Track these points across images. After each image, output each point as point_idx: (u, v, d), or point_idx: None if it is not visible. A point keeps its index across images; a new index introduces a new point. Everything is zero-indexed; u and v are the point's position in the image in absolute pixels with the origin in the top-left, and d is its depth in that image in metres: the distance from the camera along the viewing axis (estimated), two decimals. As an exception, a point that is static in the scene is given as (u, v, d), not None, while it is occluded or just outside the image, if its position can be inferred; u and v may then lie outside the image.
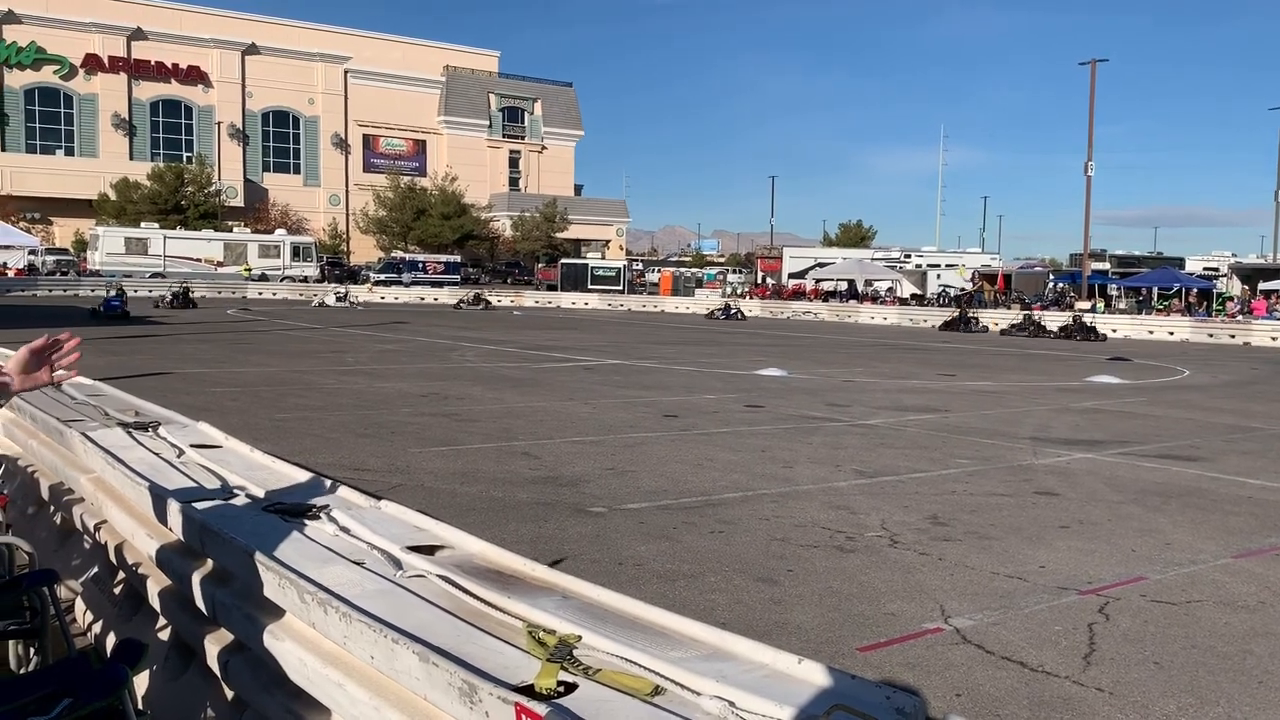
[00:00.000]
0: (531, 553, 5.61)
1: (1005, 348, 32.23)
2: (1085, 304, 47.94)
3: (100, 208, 65.18)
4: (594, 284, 61.89)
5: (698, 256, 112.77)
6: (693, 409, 14.57)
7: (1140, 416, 15.26)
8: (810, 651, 4.74)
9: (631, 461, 10.23)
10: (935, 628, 5.55)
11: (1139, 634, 5.54)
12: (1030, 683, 4.82)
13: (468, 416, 13.04)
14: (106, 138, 74.33)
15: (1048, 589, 6.33)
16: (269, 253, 59.48)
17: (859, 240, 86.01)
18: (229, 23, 79.26)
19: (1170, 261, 62.98)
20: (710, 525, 7.67)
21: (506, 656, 2.18)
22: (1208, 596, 6.28)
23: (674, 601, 5.62)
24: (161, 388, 13.58)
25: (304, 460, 8.10)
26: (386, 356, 22.04)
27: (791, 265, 68.50)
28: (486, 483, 8.95)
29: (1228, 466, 11.00)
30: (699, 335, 34.29)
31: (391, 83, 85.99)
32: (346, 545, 3.02)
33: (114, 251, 54.12)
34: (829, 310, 51.94)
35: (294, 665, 2.61)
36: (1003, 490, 9.38)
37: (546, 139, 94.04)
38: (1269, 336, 37.31)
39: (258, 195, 78.54)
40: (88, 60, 73.05)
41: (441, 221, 72.80)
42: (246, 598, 2.91)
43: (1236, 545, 7.59)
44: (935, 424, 13.70)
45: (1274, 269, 52.76)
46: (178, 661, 3.51)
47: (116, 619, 4.21)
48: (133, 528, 3.83)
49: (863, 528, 7.75)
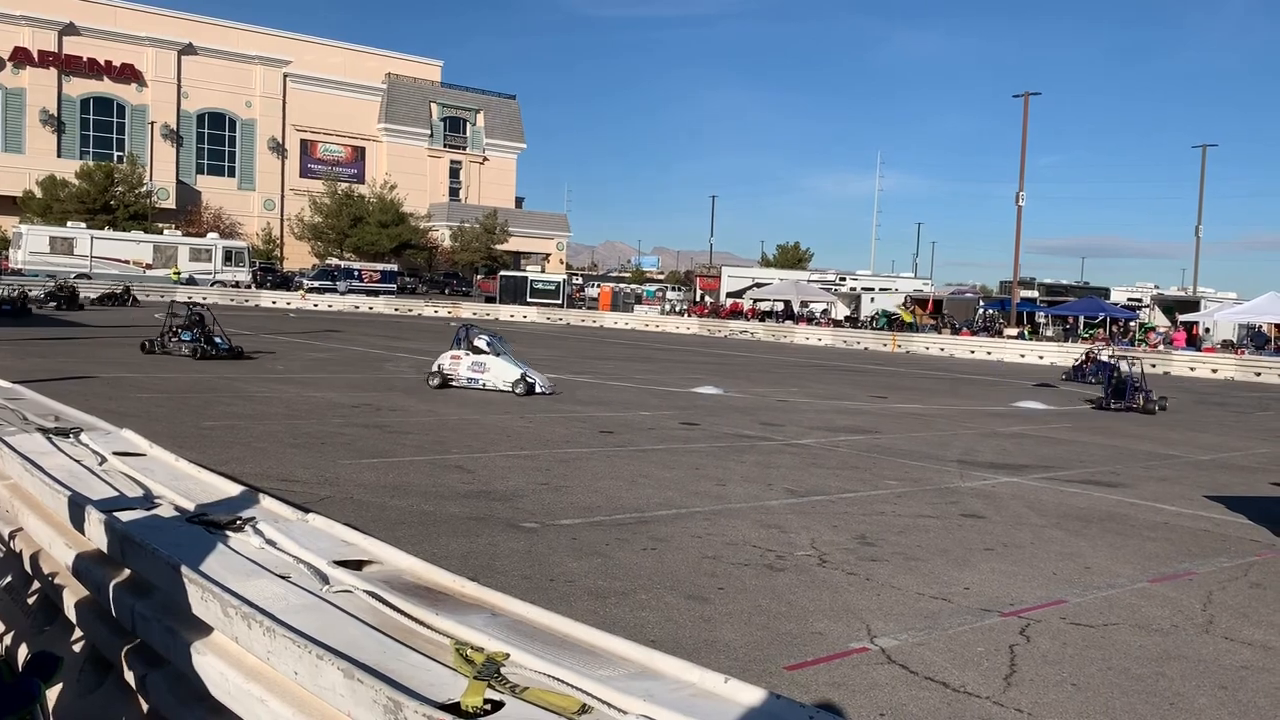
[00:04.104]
0: (462, 568, 5.58)
1: (936, 370, 32.82)
2: (1013, 331, 49.06)
3: (25, 205, 63.31)
4: (533, 297, 61.65)
5: (637, 273, 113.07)
6: (629, 425, 14.59)
7: (1064, 442, 15.64)
8: (738, 670, 4.77)
9: (566, 477, 10.20)
10: (861, 647, 5.62)
11: (1058, 656, 5.67)
12: (952, 703, 4.91)
13: (400, 428, 12.90)
14: (33, 134, 72.30)
15: (971, 610, 6.45)
16: (200, 256, 58.20)
17: (796, 262, 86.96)
18: (166, 21, 77.73)
19: (1096, 291, 64.72)
20: (642, 542, 7.68)
21: (433, 674, 2.17)
22: (1124, 619, 6.45)
23: (604, 619, 5.62)
24: (84, 392, 13.23)
25: (231, 470, 7.95)
26: (318, 365, 21.72)
27: (730, 284, 68.98)
28: (418, 496, 8.86)
29: (1145, 492, 11.32)
30: (637, 351, 34.36)
31: (331, 88, 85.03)
32: (272, 559, 2.97)
33: (38, 251, 52.49)
34: (765, 330, 52.43)
35: (216, 680, 2.56)
36: (930, 512, 9.54)
37: (488, 150, 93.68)
38: (1187, 367, 38.50)
39: (190, 197, 76.94)
40: (16, 54, 71.06)
41: (379, 229, 72.00)
42: (168, 611, 2.85)
43: (1152, 569, 7.82)
44: (866, 445, 13.89)
45: (1194, 301, 54.49)
46: (93, 675, 3.42)
47: (30, 630, 4.09)
48: (50, 536, 3.72)
49: (793, 547, 7.83)
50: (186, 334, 21.37)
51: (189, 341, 21.14)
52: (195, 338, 21.23)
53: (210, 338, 21.34)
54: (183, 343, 21.17)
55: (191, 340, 21.14)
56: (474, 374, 17.93)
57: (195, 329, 21.41)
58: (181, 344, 21.13)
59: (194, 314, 21.76)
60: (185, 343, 21.15)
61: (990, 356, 42.44)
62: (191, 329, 21.42)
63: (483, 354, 18.09)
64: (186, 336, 21.32)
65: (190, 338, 21.26)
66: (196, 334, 21.32)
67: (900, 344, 45.77)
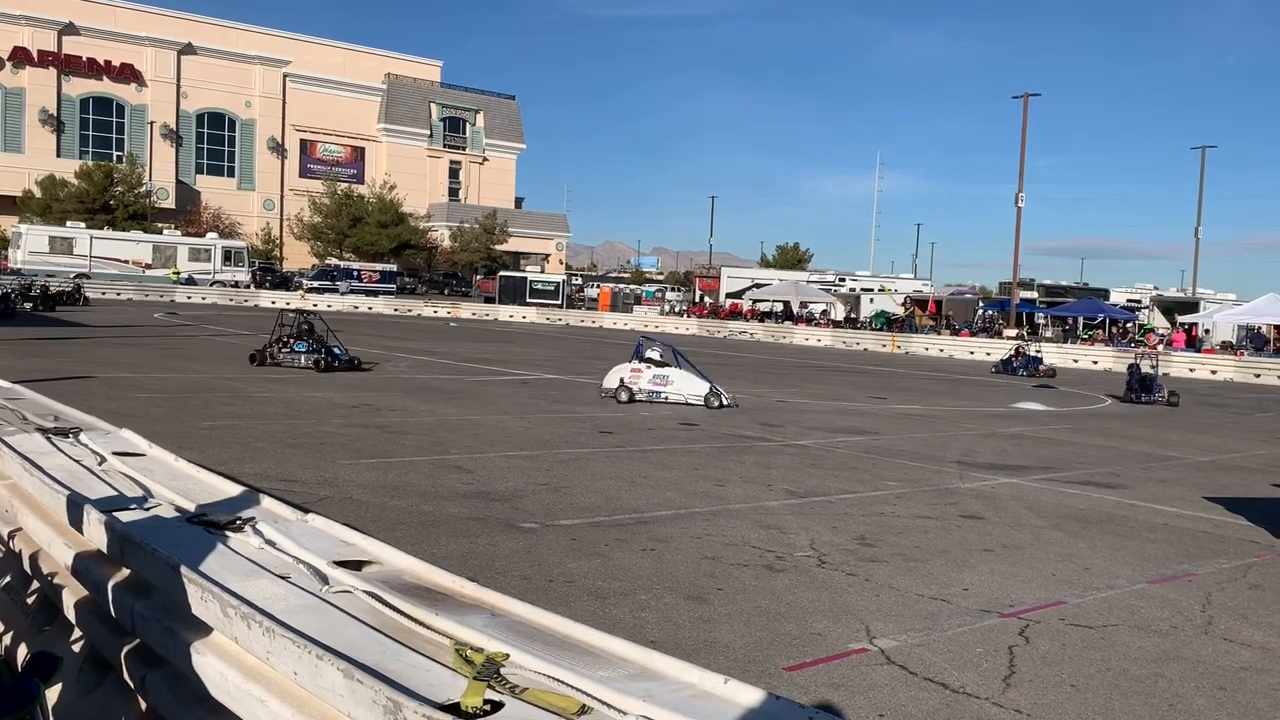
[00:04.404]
0: (461, 569, 5.58)
1: (936, 371, 32.82)
2: (1012, 332, 49.07)
3: (24, 205, 63.28)
4: (532, 298, 61.65)
5: (637, 273, 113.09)
6: (628, 426, 14.59)
7: (1063, 443, 15.64)
8: (737, 671, 4.78)
9: (565, 477, 10.20)
10: (860, 648, 5.62)
11: (1057, 657, 5.68)
12: (951, 704, 4.91)
13: (399, 428, 12.90)
14: (33, 133, 72.28)
15: (970, 611, 6.45)
16: (200, 256, 58.18)
17: (796, 262, 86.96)
18: (165, 21, 77.72)
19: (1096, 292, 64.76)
20: (642, 543, 7.68)
21: (433, 674, 2.17)
22: (1123, 621, 6.45)
23: (604, 619, 5.62)
24: (83, 392, 13.22)
25: (230, 470, 7.95)
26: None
27: (729, 285, 68.99)
28: (417, 496, 8.86)
29: (1145, 494, 11.33)
30: (635, 352, 34.31)
31: (331, 88, 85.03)
32: (272, 559, 2.97)
33: (38, 250, 52.48)
34: (764, 330, 52.43)
35: (215, 680, 2.56)
36: (929, 513, 9.54)
37: (488, 150, 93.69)
38: (1187, 368, 38.51)
39: (190, 197, 76.91)
40: (16, 53, 71.05)
41: (378, 230, 71.99)
42: (167, 611, 2.84)
43: (1152, 571, 7.82)
44: (865, 446, 13.89)
45: (1193, 302, 54.52)
46: (92, 675, 3.42)
47: (29, 630, 4.08)
48: (50, 536, 3.72)
49: (792, 547, 7.83)
50: (300, 344, 20.11)
51: (304, 352, 19.91)
52: (310, 348, 20.00)
53: (329, 349, 20.10)
54: (296, 353, 19.91)
55: (307, 351, 19.93)
56: (656, 387, 17.65)
57: (306, 338, 20.17)
58: (296, 355, 19.90)
59: (304, 322, 20.57)
60: (300, 353, 19.90)
61: (990, 357, 42.40)
62: (302, 338, 20.17)
63: (664, 366, 17.87)
64: (301, 347, 20.05)
65: (305, 348, 20.01)
66: (311, 344, 20.08)
67: (899, 345, 45.79)
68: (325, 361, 19.74)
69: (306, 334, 20.33)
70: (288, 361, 19.89)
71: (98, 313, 35.93)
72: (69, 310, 35.62)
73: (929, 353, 44.15)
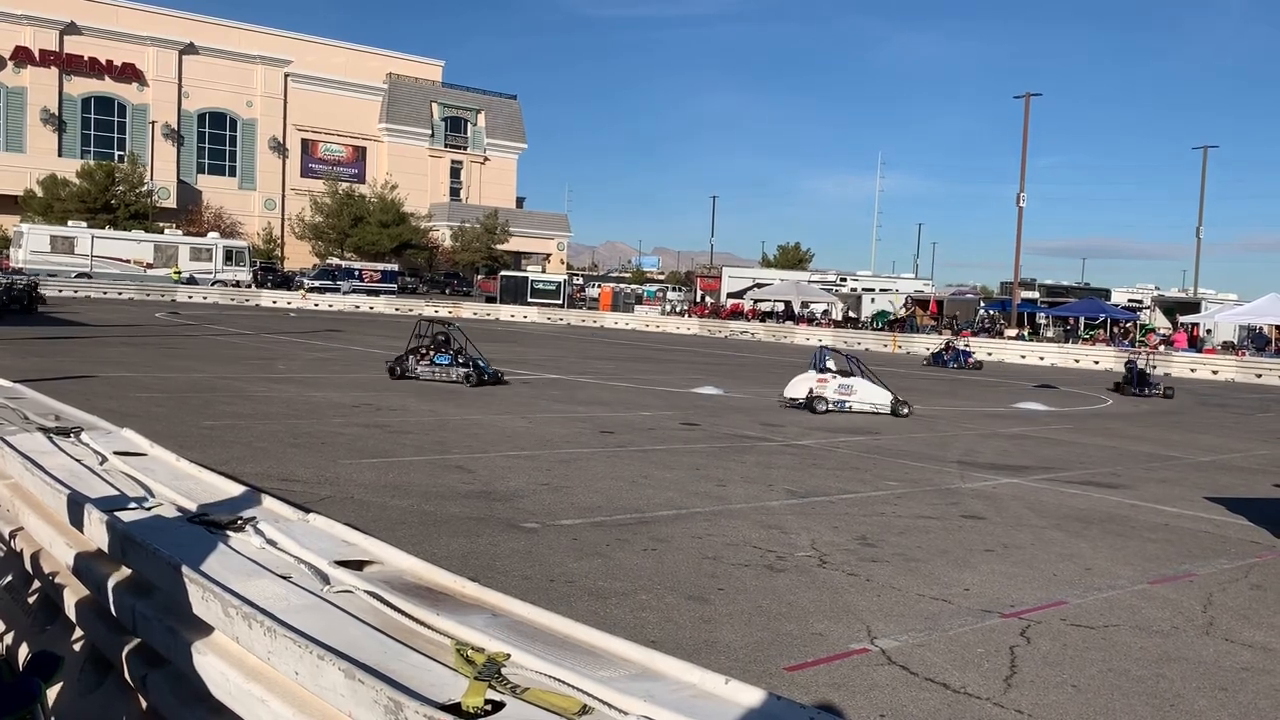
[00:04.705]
0: (463, 568, 5.58)
1: (937, 370, 32.81)
2: (1013, 332, 49.07)
3: (26, 205, 63.30)
4: (534, 297, 61.63)
5: (638, 273, 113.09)
6: (629, 425, 14.59)
7: (1064, 443, 15.63)
8: (738, 671, 4.78)
9: (566, 477, 10.20)
10: (861, 648, 5.62)
11: (1058, 657, 5.67)
12: (952, 704, 4.91)
13: (401, 428, 12.90)
14: (34, 133, 72.28)
15: (972, 611, 6.45)
16: (201, 256, 58.20)
17: (797, 262, 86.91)
18: (167, 21, 77.71)
19: (1097, 292, 64.72)
20: (643, 543, 7.68)
21: (434, 674, 2.17)
22: (1124, 621, 6.45)
23: (605, 619, 5.62)
24: (85, 392, 13.23)
25: (232, 470, 7.96)
26: (319, 365, 21.73)
27: (730, 285, 68.97)
28: (418, 496, 8.86)
29: (1146, 494, 11.32)
30: (638, 352, 34.35)
31: (333, 88, 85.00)
32: (273, 559, 2.97)
33: (39, 250, 52.48)
34: (766, 330, 52.41)
35: (216, 680, 2.56)
36: (930, 513, 9.54)
37: (489, 150, 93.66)
38: (1188, 368, 38.49)
39: (191, 197, 76.93)
40: (17, 53, 71.04)
41: (380, 229, 71.99)
42: (168, 610, 2.84)
43: (1153, 571, 7.81)
44: (866, 446, 13.89)
45: (1194, 302, 54.47)
46: (94, 675, 3.42)
47: (30, 629, 4.09)
48: (51, 536, 3.72)
49: (793, 547, 7.83)
50: (443, 357, 18.96)
51: (447, 365, 18.79)
52: (454, 360, 18.86)
53: (477, 362, 18.96)
54: (438, 366, 18.79)
55: (451, 364, 18.82)
56: (842, 396, 17.97)
57: (443, 349, 19.05)
58: (440, 369, 18.75)
59: (440, 333, 19.33)
60: (443, 366, 18.77)
61: (990, 357, 42.40)
62: (440, 349, 19.04)
63: (848, 376, 18.20)
64: (444, 360, 18.90)
65: (448, 361, 18.88)
66: (454, 357, 18.95)
67: (900, 345, 45.76)
68: (477, 376, 18.64)
69: (443, 345, 19.23)
70: (427, 375, 18.72)
71: (99, 312, 35.94)
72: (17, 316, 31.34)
73: (930, 353, 44.08)
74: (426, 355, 19.04)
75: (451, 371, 18.73)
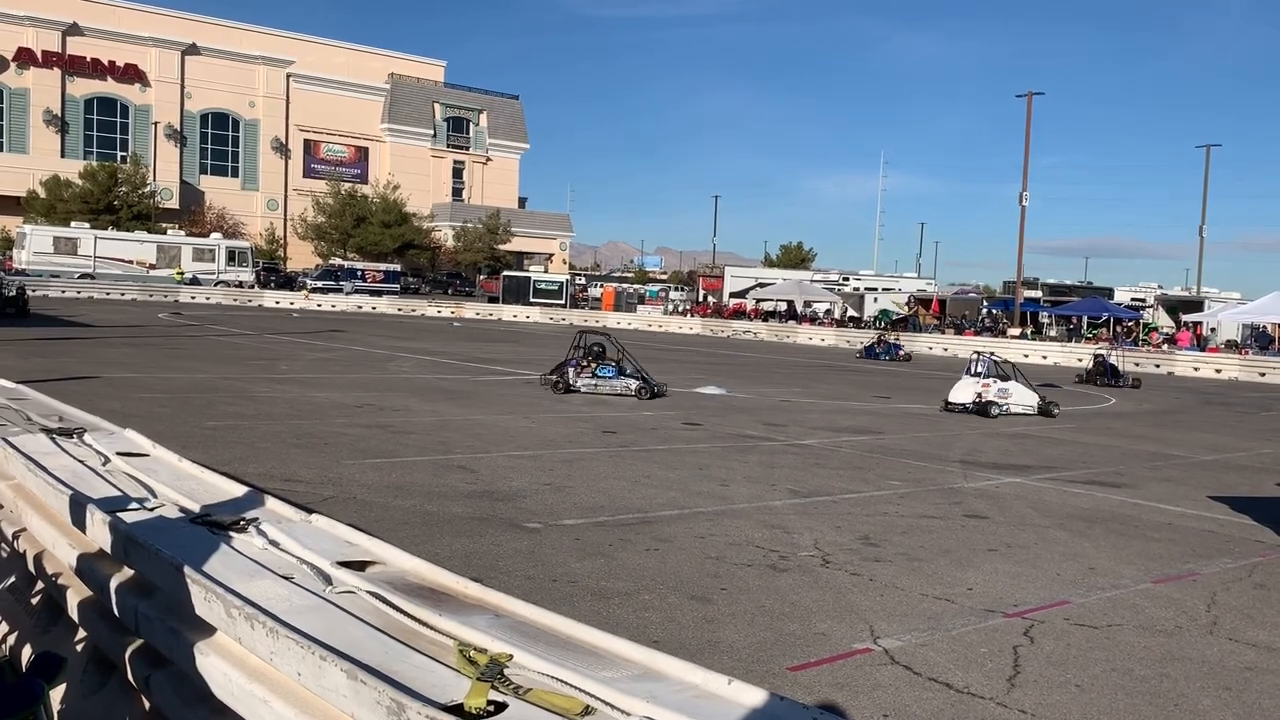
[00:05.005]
0: (465, 569, 5.57)
1: (940, 370, 32.76)
2: (1016, 331, 49.03)
3: (29, 206, 63.41)
4: (536, 297, 61.67)
5: (640, 273, 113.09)
6: (632, 425, 14.58)
7: (1067, 442, 15.62)
8: (741, 671, 4.77)
9: (569, 477, 10.20)
10: (864, 648, 5.62)
11: (1062, 657, 5.66)
12: (956, 704, 4.90)
13: (403, 428, 12.90)
14: (37, 134, 72.38)
15: (975, 611, 6.44)
16: (204, 256, 58.28)
17: (799, 262, 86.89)
18: (169, 21, 77.79)
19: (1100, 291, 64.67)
20: (646, 543, 7.68)
21: (436, 675, 2.17)
22: (1128, 620, 6.44)
23: (608, 619, 5.62)
24: (88, 392, 13.24)
25: (234, 470, 7.96)
26: (322, 365, 21.74)
27: (733, 284, 69.00)
28: (421, 496, 8.87)
29: (1149, 493, 11.31)
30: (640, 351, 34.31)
31: (335, 88, 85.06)
32: (275, 559, 2.97)
33: (42, 251, 52.57)
34: (768, 330, 52.40)
35: (219, 681, 2.56)
36: (933, 512, 9.53)
37: (491, 150, 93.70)
38: (1191, 367, 38.45)
39: (194, 197, 77.01)
40: (20, 54, 71.15)
41: (382, 230, 72.05)
42: (171, 611, 2.84)
43: (1156, 570, 7.80)
44: (869, 445, 13.88)
45: (1197, 301, 54.40)
46: (96, 676, 3.42)
47: (33, 630, 4.09)
48: (54, 537, 3.72)
49: (796, 547, 7.82)
50: (607, 369, 18.33)
51: (611, 377, 18.19)
52: (619, 373, 18.28)
53: (644, 375, 18.33)
54: (600, 379, 18.19)
55: (615, 376, 18.25)
56: (1002, 399, 19.26)
57: (601, 360, 18.46)
58: (604, 381, 18.17)
59: (596, 344, 18.77)
60: (607, 379, 18.18)
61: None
62: (598, 361, 18.46)
63: (1006, 380, 19.66)
64: (608, 372, 18.27)
65: (613, 373, 18.26)
66: (619, 368, 18.37)
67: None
68: (647, 389, 18.05)
69: (601, 356, 18.61)
70: (588, 388, 18.13)
71: (102, 313, 35.99)
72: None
73: (933, 352, 44.08)
74: (587, 367, 18.44)
75: (617, 384, 18.15)
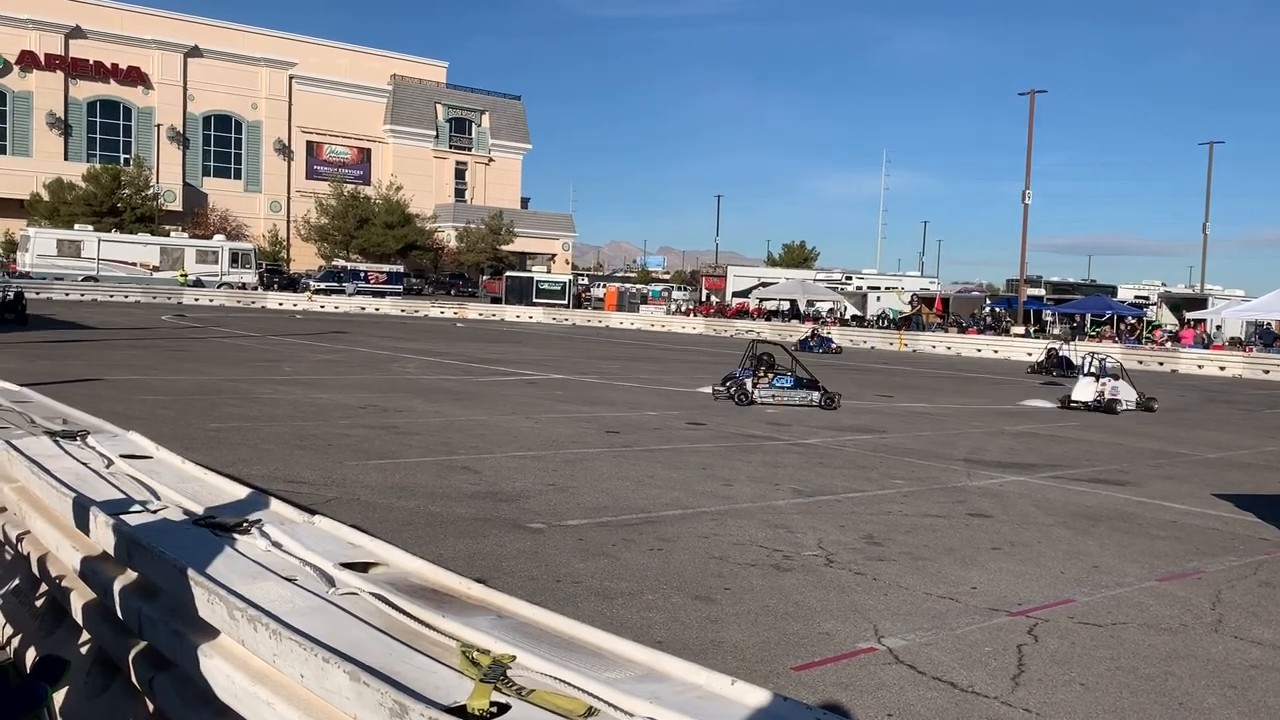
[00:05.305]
0: (468, 569, 5.58)
1: (943, 369, 32.75)
2: (1020, 329, 48.96)
3: (32, 208, 63.49)
4: (539, 298, 61.66)
5: (643, 273, 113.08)
6: (635, 425, 14.58)
7: (1071, 441, 15.59)
8: (745, 671, 4.77)
9: (572, 477, 10.20)
10: (868, 647, 5.61)
11: (1066, 655, 5.66)
12: (960, 703, 4.89)
13: (407, 429, 12.91)
14: (41, 137, 72.48)
15: (979, 610, 6.43)
16: (207, 258, 58.34)
17: (802, 261, 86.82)
18: (171, 24, 77.85)
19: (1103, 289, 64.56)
20: (649, 543, 7.68)
21: (439, 676, 2.17)
22: (1132, 619, 6.43)
23: (611, 620, 5.62)
24: (91, 395, 13.25)
25: (237, 472, 7.97)
26: (325, 367, 21.74)
27: (736, 284, 68.92)
28: (424, 497, 8.87)
29: (1154, 491, 11.28)
30: (643, 351, 34.34)
31: (337, 90, 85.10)
32: (278, 561, 2.98)
33: (45, 254, 52.65)
34: (771, 329, 52.31)
35: (222, 683, 2.56)
36: (937, 511, 9.52)
37: (494, 151, 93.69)
38: (1195, 364, 38.38)
39: (197, 200, 77.09)
40: (23, 57, 71.26)
41: (385, 231, 72.08)
42: (174, 613, 2.85)
43: (1161, 568, 7.79)
44: (872, 444, 13.86)
45: (1201, 298, 54.29)
46: (100, 677, 3.42)
47: (37, 633, 4.09)
48: (57, 539, 3.73)
49: (800, 547, 7.81)
50: (784, 379, 18.13)
51: (790, 388, 18.03)
52: (797, 383, 18.11)
53: (823, 387, 18.16)
54: (778, 389, 17.97)
55: (794, 386, 18.06)
56: (1113, 396, 20.61)
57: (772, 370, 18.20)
58: (783, 391, 18.00)
59: (765, 354, 18.51)
60: (785, 389, 17.99)
61: (997, 355, 42.34)
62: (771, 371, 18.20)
63: (1116, 379, 20.98)
64: (785, 382, 18.10)
65: (791, 383, 18.11)
66: (795, 378, 18.16)
67: (906, 343, 45.71)
68: (827, 399, 17.96)
69: (768, 364, 18.37)
70: (766, 398, 17.90)
71: (105, 315, 36.03)
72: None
73: (936, 350, 44.07)
74: (764, 377, 18.21)
75: (795, 394, 18.03)
